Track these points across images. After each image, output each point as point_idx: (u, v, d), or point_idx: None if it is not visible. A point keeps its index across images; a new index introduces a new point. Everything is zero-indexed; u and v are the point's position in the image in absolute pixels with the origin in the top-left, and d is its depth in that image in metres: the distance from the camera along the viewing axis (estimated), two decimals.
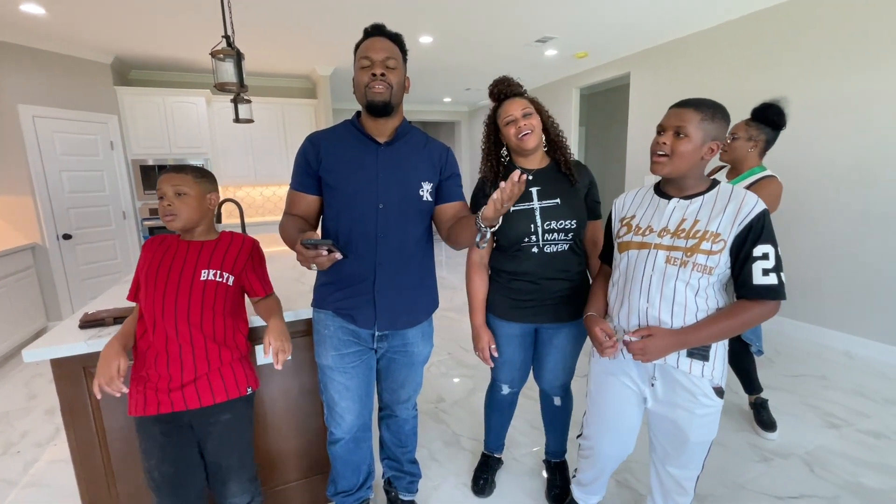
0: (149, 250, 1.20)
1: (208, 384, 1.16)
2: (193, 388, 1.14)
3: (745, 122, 1.93)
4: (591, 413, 1.34)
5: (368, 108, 1.20)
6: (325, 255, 1.01)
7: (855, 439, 1.98)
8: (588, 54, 4.39)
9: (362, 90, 1.18)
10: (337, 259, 1.03)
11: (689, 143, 1.03)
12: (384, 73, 1.16)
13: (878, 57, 2.63)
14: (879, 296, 2.73)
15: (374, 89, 1.16)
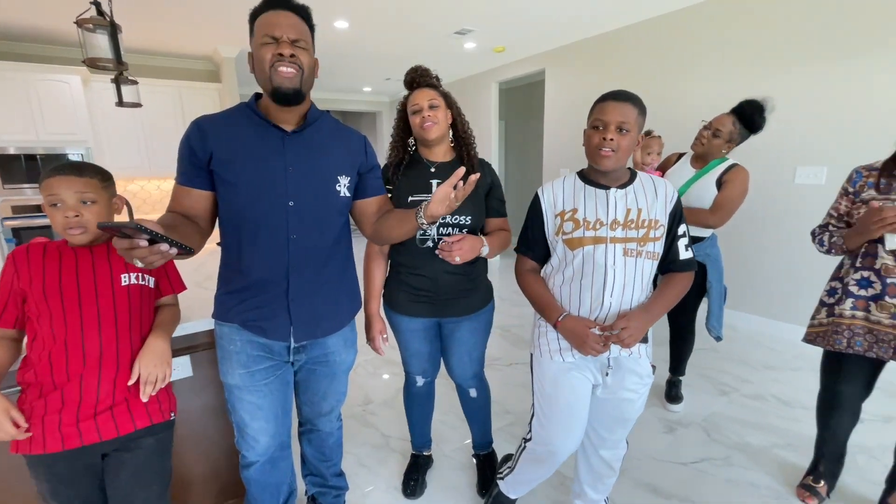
0: (28, 264, 0.98)
1: (127, 409, 1.01)
2: (110, 415, 0.98)
3: (731, 119, 1.90)
4: (546, 415, 1.25)
5: (275, 96, 1.03)
6: (143, 246, 0.74)
7: (741, 404, 2.24)
8: (505, 49, 4.48)
9: (266, 72, 1.01)
10: (170, 255, 0.78)
11: (631, 138, 1.07)
12: (294, 54, 1.01)
13: (797, 58, 2.96)
14: (755, 275, 3.12)
15: (283, 73, 1.00)
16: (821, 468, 1.61)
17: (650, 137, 2.27)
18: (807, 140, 2.79)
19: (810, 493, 1.59)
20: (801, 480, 1.65)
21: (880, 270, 1.31)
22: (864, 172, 1.41)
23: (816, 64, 2.70)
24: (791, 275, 2.95)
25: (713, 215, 1.88)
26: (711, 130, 1.92)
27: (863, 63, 2.52)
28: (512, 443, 1.96)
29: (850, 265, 1.40)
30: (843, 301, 1.39)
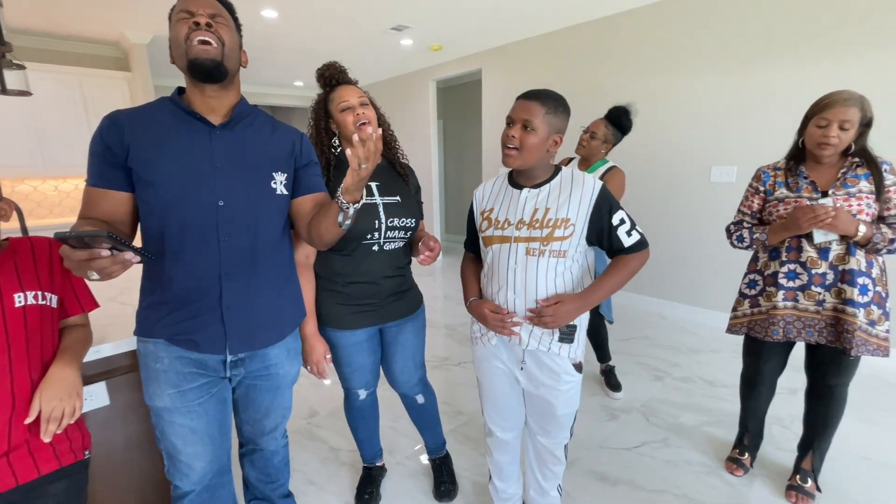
0: None
1: (28, 453, 0.86)
2: (5, 462, 0.83)
3: (604, 123, 2.13)
4: (481, 396, 1.37)
5: (192, 69, 0.93)
6: (105, 256, 0.72)
7: (673, 387, 2.40)
8: (442, 47, 4.47)
9: (181, 46, 0.92)
10: (132, 262, 0.75)
11: (536, 136, 1.06)
12: (211, 24, 0.93)
13: (712, 65, 3.20)
14: (677, 266, 3.38)
15: (198, 44, 0.91)
16: (745, 441, 1.77)
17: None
18: (720, 141, 3.06)
19: (737, 465, 1.74)
20: (729, 454, 1.79)
21: (806, 263, 1.42)
22: (771, 172, 1.54)
23: (729, 70, 2.96)
24: (708, 265, 3.23)
25: None
26: (589, 133, 2.12)
27: (770, 69, 2.81)
28: (466, 444, 1.95)
29: (771, 259, 1.51)
30: (773, 294, 1.49)
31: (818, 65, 2.60)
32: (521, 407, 1.33)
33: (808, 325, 1.46)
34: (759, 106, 2.85)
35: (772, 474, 1.72)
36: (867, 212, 1.34)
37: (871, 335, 1.38)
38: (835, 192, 1.38)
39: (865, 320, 1.37)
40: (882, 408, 2.15)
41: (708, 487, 1.68)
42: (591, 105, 3.71)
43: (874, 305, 1.37)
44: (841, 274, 1.39)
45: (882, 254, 1.37)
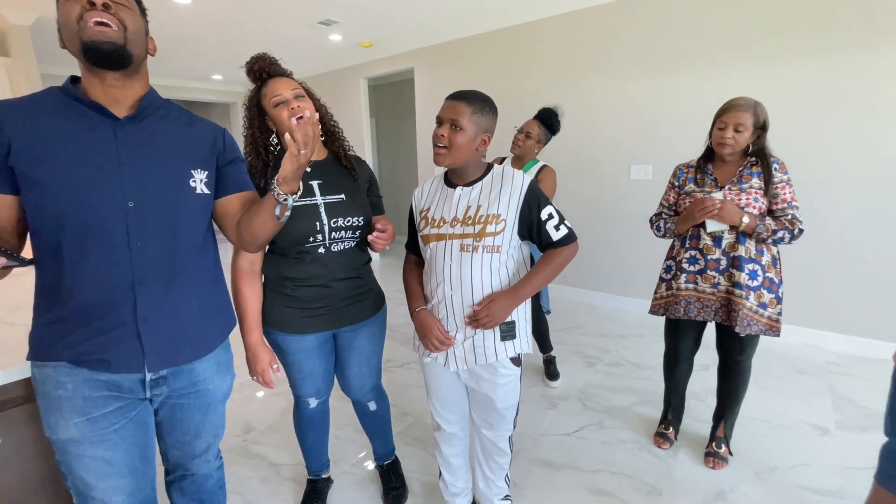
0: None
1: None
2: None
3: (536, 123, 2.22)
4: (427, 390, 1.37)
5: (87, 53, 0.82)
6: None
7: (605, 371, 2.56)
8: (373, 44, 4.40)
9: (73, 28, 0.81)
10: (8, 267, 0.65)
11: (464, 135, 1.09)
12: (108, 4, 0.82)
13: (631, 72, 3.40)
14: (602, 259, 3.61)
15: (94, 25, 0.80)
16: (669, 417, 1.93)
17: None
18: (638, 142, 3.31)
19: (663, 439, 1.89)
20: (656, 430, 1.95)
21: (703, 249, 1.62)
22: (685, 169, 1.72)
23: (647, 76, 3.21)
24: (631, 257, 3.48)
25: None
26: (524, 133, 2.22)
27: (683, 77, 3.08)
28: (414, 446, 1.93)
29: (681, 246, 1.69)
30: (678, 277, 1.68)
31: (727, 74, 2.88)
32: (465, 399, 1.35)
33: (705, 306, 1.64)
34: (673, 110, 3.12)
35: (692, 444, 1.89)
36: (754, 205, 1.52)
37: (763, 316, 1.56)
38: (730, 187, 1.56)
39: (756, 303, 1.55)
40: (775, 376, 2.45)
41: (640, 462, 1.80)
42: (520, 106, 3.84)
43: (764, 290, 1.56)
44: (732, 260, 1.57)
45: (768, 243, 1.55)
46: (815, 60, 2.59)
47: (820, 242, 2.64)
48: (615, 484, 1.69)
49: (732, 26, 2.81)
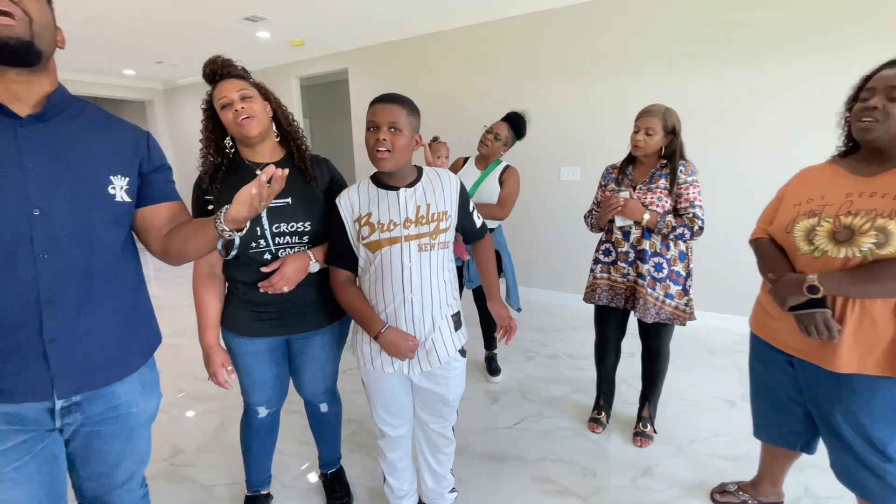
0: None
1: None
2: None
3: (505, 125, 2.26)
4: (372, 402, 1.35)
5: None
6: None
7: (543, 364, 2.68)
8: (305, 43, 4.27)
9: None
10: None
11: (404, 137, 1.11)
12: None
13: (560, 76, 3.55)
14: (536, 256, 3.77)
15: None
16: (601, 402, 2.07)
17: (438, 143, 2.51)
18: (567, 145, 3.50)
19: (596, 424, 2.02)
20: (590, 416, 2.08)
21: (615, 242, 1.78)
22: (611, 170, 1.88)
23: (575, 82, 3.40)
24: (564, 254, 3.67)
25: (500, 209, 2.23)
26: (493, 134, 2.27)
27: (607, 83, 3.29)
28: (357, 451, 1.90)
29: (602, 239, 1.86)
30: (596, 267, 1.85)
31: (649, 82, 3.12)
32: (410, 400, 1.36)
33: (617, 294, 1.80)
34: (600, 114, 3.33)
35: (623, 426, 2.04)
36: (658, 204, 1.68)
37: (669, 306, 1.73)
38: (640, 187, 1.73)
39: (663, 293, 1.72)
40: (691, 358, 2.70)
41: (576, 447, 1.91)
42: (454, 109, 3.93)
43: (670, 282, 1.72)
44: (638, 253, 1.73)
45: (671, 238, 1.70)
46: (715, 73, 2.89)
47: (726, 235, 2.95)
48: (554, 470, 1.78)
49: (653, 39, 3.06)
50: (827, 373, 1.13)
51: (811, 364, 1.16)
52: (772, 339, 1.28)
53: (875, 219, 1.03)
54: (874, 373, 1.07)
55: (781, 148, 2.76)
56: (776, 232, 1.25)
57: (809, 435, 1.34)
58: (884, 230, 1.01)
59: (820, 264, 1.10)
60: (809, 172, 1.27)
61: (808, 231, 1.14)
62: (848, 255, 1.06)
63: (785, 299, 1.13)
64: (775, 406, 1.36)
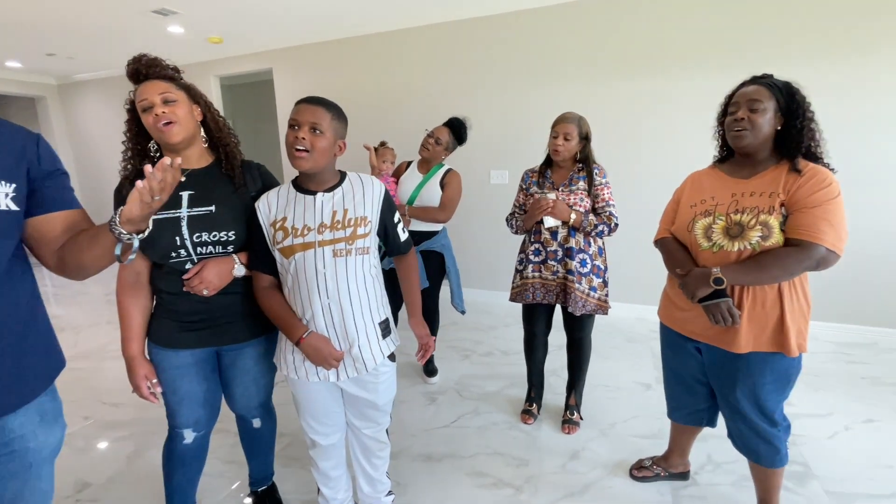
0: None
1: None
2: None
3: (447, 130, 2.28)
4: (301, 413, 1.32)
5: None
6: None
7: (478, 362, 2.76)
8: (223, 41, 4.04)
9: None
10: None
11: (325, 140, 1.09)
12: None
13: (491, 83, 3.63)
14: (470, 257, 3.87)
15: None
16: (532, 394, 2.17)
17: (385, 148, 2.51)
18: (496, 149, 3.63)
19: (528, 415, 2.11)
20: (523, 408, 2.17)
21: (544, 242, 1.88)
22: (531, 174, 1.98)
23: (501, 89, 3.53)
24: (495, 254, 3.79)
25: (442, 212, 2.27)
26: (434, 138, 2.29)
27: (530, 90, 3.45)
28: (291, 465, 1.84)
29: (528, 241, 1.94)
30: (527, 267, 1.92)
31: (565, 88, 3.32)
32: (342, 410, 1.34)
33: (549, 291, 1.90)
34: (525, 120, 3.48)
35: (553, 416, 2.15)
36: (580, 204, 1.82)
37: (594, 298, 1.87)
38: (563, 189, 1.85)
39: (587, 287, 1.85)
40: (613, 347, 2.92)
41: (511, 440, 1.99)
42: (383, 112, 3.93)
43: (593, 275, 1.86)
44: (566, 251, 1.84)
45: (593, 236, 1.84)
46: (628, 83, 3.15)
47: (641, 231, 3.21)
48: (490, 464, 1.84)
49: (574, 51, 3.26)
50: (729, 354, 1.28)
51: (715, 347, 1.31)
52: (680, 329, 1.42)
53: (758, 215, 1.19)
54: (766, 349, 1.23)
55: (682, 152, 3.07)
56: (679, 231, 1.40)
57: (712, 411, 1.51)
58: (766, 224, 1.18)
59: (718, 258, 1.25)
60: (698, 176, 1.43)
61: (706, 229, 1.28)
62: (741, 248, 1.21)
63: (695, 292, 1.26)
64: (686, 389, 1.51)
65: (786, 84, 1.22)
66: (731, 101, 1.28)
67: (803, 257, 1.13)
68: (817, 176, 1.16)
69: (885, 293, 2.85)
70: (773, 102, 1.20)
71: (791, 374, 1.27)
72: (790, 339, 1.20)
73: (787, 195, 1.18)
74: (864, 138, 2.70)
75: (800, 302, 1.22)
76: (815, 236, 1.12)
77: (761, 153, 1.25)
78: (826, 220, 1.12)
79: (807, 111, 1.20)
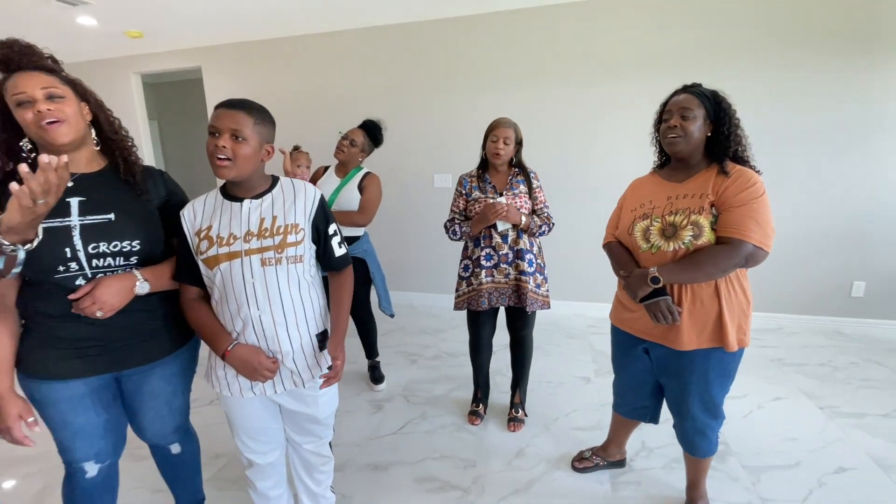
0: None
1: None
2: None
3: (361, 132, 2.25)
4: (235, 431, 1.25)
5: None
6: None
7: (425, 366, 2.75)
8: (143, 35, 3.75)
9: None
10: None
11: (248, 146, 1.03)
12: None
13: (433, 89, 3.61)
14: (415, 261, 3.87)
15: None
16: (478, 395, 2.20)
17: (299, 152, 2.45)
18: (440, 153, 3.65)
19: (475, 416, 2.14)
20: (469, 409, 2.19)
21: (495, 246, 1.90)
22: (469, 178, 1.99)
23: (444, 93, 3.55)
24: (441, 257, 3.81)
25: (361, 216, 2.22)
26: (349, 140, 2.26)
27: (470, 94, 3.49)
28: (228, 489, 1.73)
29: (475, 246, 1.94)
30: (478, 274, 1.92)
31: (509, 94, 3.40)
32: (280, 426, 1.28)
33: (503, 294, 1.93)
34: (466, 123, 3.52)
35: (499, 414, 2.19)
36: (524, 206, 1.87)
37: (540, 295, 1.93)
38: (507, 192, 1.88)
39: (534, 285, 1.90)
40: (554, 343, 3.03)
41: (458, 442, 2.00)
42: (318, 115, 3.83)
43: (538, 273, 1.92)
44: (516, 252, 1.89)
45: (536, 237, 1.92)
46: (564, 90, 3.30)
47: (578, 232, 3.37)
48: (437, 467, 1.84)
49: (519, 57, 3.35)
50: (674, 352, 1.35)
51: (662, 346, 1.38)
52: (629, 329, 1.48)
53: (689, 215, 1.27)
54: (708, 346, 1.30)
55: (619, 157, 3.25)
56: (622, 235, 1.47)
57: (656, 409, 1.60)
58: (697, 224, 1.26)
59: (657, 258, 1.32)
60: (638, 182, 1.52)
61: (645, 231, 1.36)
62: (676, 248, 1.28)
63: (636, 292, 1.32)
64: (635, 386, 1.58)
65: (713, 93, 1.32)
66: (664, 110, 1.37)
67: (733, 254, 1.21)
68: (743, 177, 1.25)
69: (786, 283, 3.18)
70: (703, 110, 1.29)
71: (731, 369, 1.35)
72: (729, 334, 1.27)
73: (716, 196, 1.26)
74: (772, 144, 3.01)
75: (738, 298, 1.29)
76: (742, 234, 1.21)
77: (694, 158, 1.35)
78: (752, 219, 1.21)
79: (732, 118, 1.30)
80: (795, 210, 3.07)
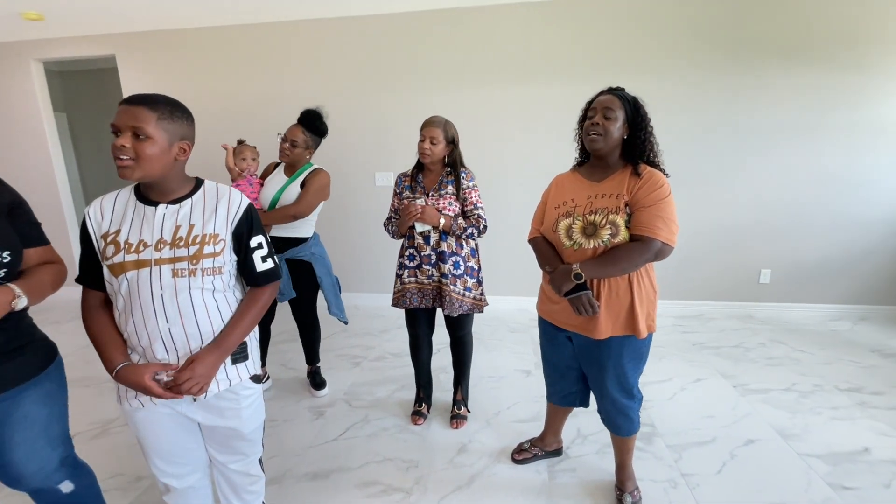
0: None
1: None
2: None
3: (300, 129, 2.12)
4: (146, 452, 1.16)
5: None
6: None
7: (369, 368, 2.71)
8: (44, 18, 3.37)
9: None
10: None
11: (154, 146, 0.95)
12: None
13: (385, 86, 3.51)
14: (358, 261, 3.80)
15: None
16: (421, 394, 2.20)
17: (244, 146, 2.31)
18: (381, 152, 3.59)
19: (419, 416, 2.13)
20: (413, 409, 2.19)
21: (417, 248, 1.91)
22: (404, 178, 1.99)
23: (388, 92, 3.49)
24: (383, 256, 3.76)
25: (294, 206, 2.09)
26: (289, 142, 2.14)
27: (412, 94, 3.46)
28: None
29: (404, 245, 1.95)
30: (404, 273, 1.93)
31: (443, 92, 3.40)
32: (199, 445, 1.20)
33: (425, 295, 1.94)
34: (407, 122, 3.48)
35: (442, 413, 2.20)
36: (450, 208, 1.87)
37: (469, 298, 1.94)
38: (432, 193, 1.89)
39: (462, 287, 1.92)
40: (497, 338, 3.09)
41: (401, 443, 1.99)
42: (248, 110, 3.66)
43: (467, 276, 1.94)
44: (438, 255, 1.90)
45: (464, 238, 1.91)
46: (502, 89, 3.36)
47: (516, 230, 3.45)
48: (380, 471, 1.82)
49: (453, 56, 3.36)
50: (592, 340, 1.43)
51: (582, 336, 1.45)
52: (554, 320, 1.55)
53: (608, 215, 1.34)
54: (622, 333, 1.39)
55: (548, 155, 3.36)
56: (546, 231, 1.52)
57: (584, 393, 1.68)
58: (614, 224, 1.33)
59: (579, 255, 1.38)
60: (561, 179, 1.57)
61: (568, 229, 1.41)
62: (596, 246, 1.35)
63: (560, 287, 1.38)
64: (561, 374, 1.65)
65: (634, 99, 1.40)
66: (589, 108, 1.44)
67: (644, 250, 1.31)
68: (652, 179, 1.34)
69: (705, 272, 3.46)
70: (623, 113, 1.37)
71: (643, 352, 1.46)
72: (640, 322, 1.37)
73: (630, 196, 1.35)
74: (694, 146, 3.24)
75: (647, 289, 1.40)
76: (652, 232, 1.30)
77: (611, 157, 1.42)
78: (660, 218, 1.31)
79: (648, 125, 1.39)
80: (710, 206, 3.34)
